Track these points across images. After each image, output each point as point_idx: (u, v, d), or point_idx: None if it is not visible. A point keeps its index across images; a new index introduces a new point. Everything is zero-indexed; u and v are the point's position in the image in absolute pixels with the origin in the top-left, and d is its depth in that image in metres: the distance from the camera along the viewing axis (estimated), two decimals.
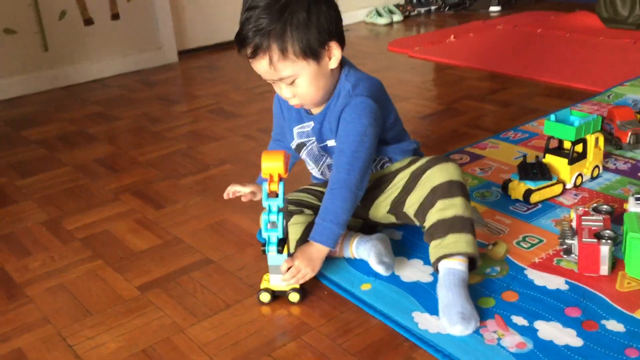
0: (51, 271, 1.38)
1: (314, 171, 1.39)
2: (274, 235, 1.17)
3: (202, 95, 2.61)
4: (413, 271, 1.25)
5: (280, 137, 1.44)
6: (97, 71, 2.94)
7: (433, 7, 3.97)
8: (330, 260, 1.29)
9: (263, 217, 1.16)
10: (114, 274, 1.35)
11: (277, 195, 1.16)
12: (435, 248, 1.17)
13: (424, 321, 1.10)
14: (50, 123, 2.38)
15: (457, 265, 1.15)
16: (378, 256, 1.22)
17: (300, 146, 1.35)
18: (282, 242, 1.17)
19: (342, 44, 1.22)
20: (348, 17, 3.80)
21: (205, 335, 1.13)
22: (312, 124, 1.30)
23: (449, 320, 1.07)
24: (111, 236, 1.51)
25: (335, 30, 1.19)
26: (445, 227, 1.17)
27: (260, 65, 1.17)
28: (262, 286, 1.21)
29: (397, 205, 1.29)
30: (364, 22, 3.84)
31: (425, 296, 1.17)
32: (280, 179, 1.17)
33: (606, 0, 3.21)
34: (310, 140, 1.32)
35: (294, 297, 1.20)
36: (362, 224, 1.38)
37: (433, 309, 1.13)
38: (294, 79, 1.19)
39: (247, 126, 2.19)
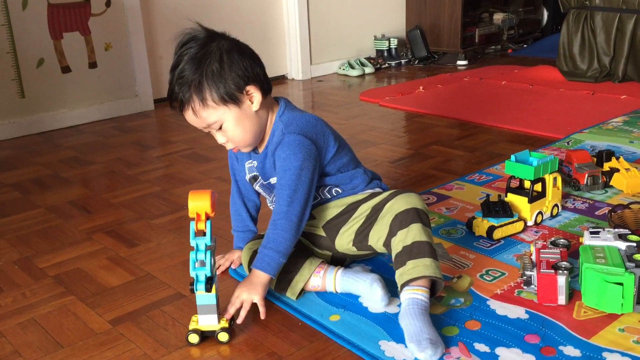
0: (22, 307, 1.38)
1: (269, 203, 1.45)
2: (202, 274, 1.17)
3: (176, 141, 2.66)
4: None
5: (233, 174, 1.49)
6: (73, 118, 2.98)
7: (403, 61, 4.12)
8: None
9: (191, 256, 1.17)
10: (85, 308, 1.36)
11: (204, 234, 1.18)
12: (399, 277, 1.23)
13: (390, 349, 1.14)
14: (24, 167, 2.40)
15: (419, 295, 1.19)
16: (384, 287, 1.26)
17: (253, 179, 1.42)
18: (210, 281, 1.17)
19: (264, 87, 1.29)
20: (322, 69, 3.93)
21: None
22: (255, 163, 1.38)
23: (417, 346, 1.10)
24: (83, 273, 1.52)
25: (252, 76, 1.27)
26: (406, 254, 1.22)
27: (189, 117, 1.27)
28: (191, 327, 1.20)
29: (361, 237, 1.34)
30: (337, 73, 3.97)
31: (391, 325, 1.21)
32: (207, 217, 1.19)
33: (566, 55, 3.38)
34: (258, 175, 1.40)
35: (223, 336, 1.20)
36: (330, 257, 1.42)
37: (399, 338, 1.16)
38: (220, 124, 1.27)
39: (220, 169, 2.23)
